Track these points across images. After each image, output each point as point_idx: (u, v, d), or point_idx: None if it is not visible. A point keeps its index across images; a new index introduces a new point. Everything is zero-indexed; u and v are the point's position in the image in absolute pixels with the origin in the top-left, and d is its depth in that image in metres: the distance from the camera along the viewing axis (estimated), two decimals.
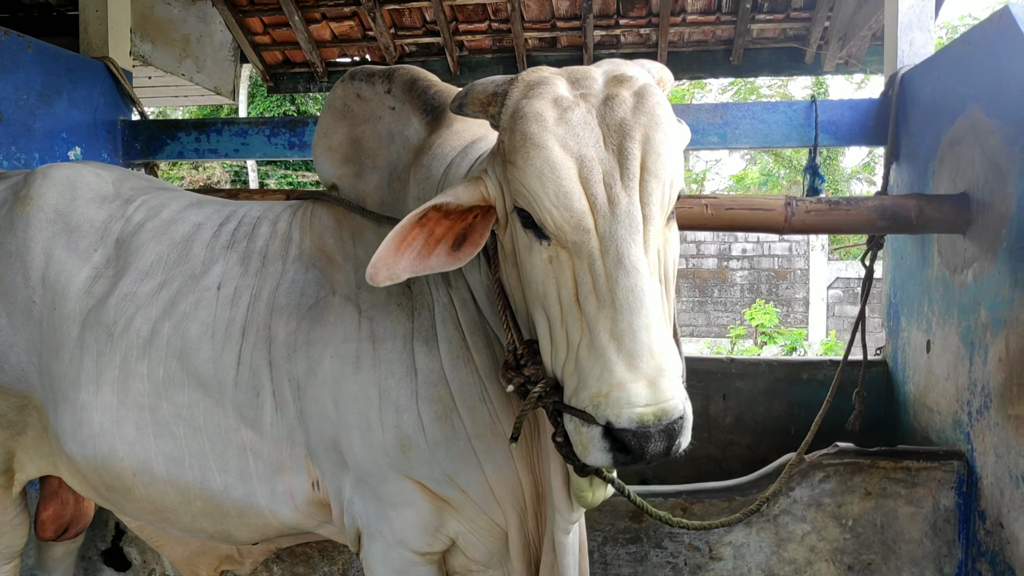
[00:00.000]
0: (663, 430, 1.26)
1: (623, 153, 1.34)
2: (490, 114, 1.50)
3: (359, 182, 2.00)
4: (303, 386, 1.86)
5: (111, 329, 2.01)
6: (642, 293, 1.28)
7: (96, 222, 2.15)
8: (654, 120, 1.35)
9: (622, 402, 1.25)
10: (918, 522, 2.65)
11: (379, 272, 1.48)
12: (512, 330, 1.57)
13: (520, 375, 1.52)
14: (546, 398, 1.44)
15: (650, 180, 1.33)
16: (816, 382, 3.57)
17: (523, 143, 1.36)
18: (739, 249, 12.69)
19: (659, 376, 1.26)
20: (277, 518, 1.98)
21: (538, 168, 1.34)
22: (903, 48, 3.32)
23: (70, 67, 3.63)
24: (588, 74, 1.45)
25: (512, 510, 1.83)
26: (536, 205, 1.37)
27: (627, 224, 1.32)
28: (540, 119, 1.36)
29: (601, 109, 1.38)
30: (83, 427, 2.01)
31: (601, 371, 1.28)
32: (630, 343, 1.26)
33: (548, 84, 1.42)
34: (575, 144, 1.34)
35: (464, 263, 1.55)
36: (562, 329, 1.38)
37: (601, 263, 1.31)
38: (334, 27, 5.19)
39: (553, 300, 1.39)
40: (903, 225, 2.64)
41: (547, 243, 1.39)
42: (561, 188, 1.33)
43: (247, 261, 2.01)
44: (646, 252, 1.33)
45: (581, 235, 1.33)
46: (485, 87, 1.51)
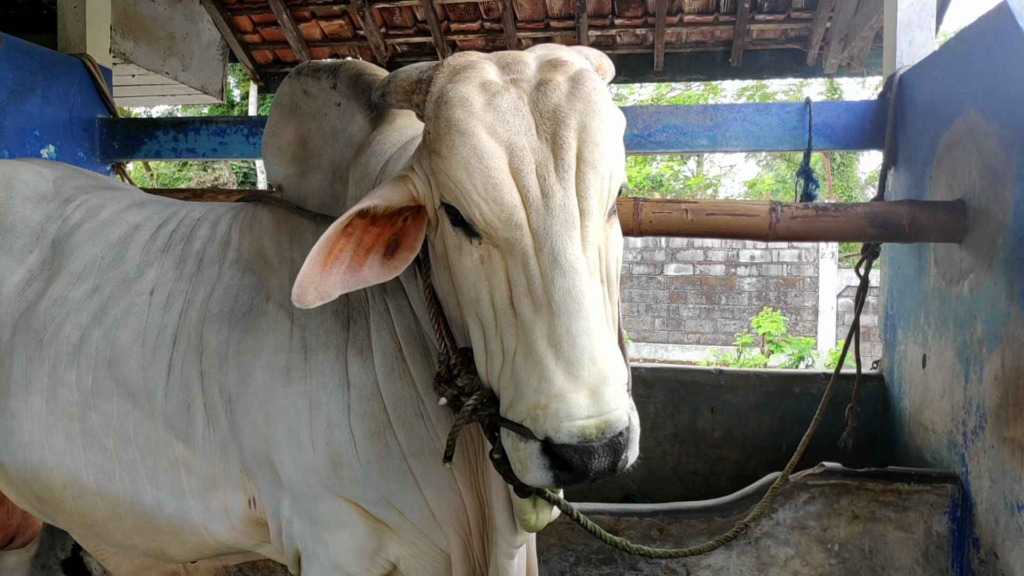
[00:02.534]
0: (607, 444, 1.14)
1: (558, 142, 1.22)
2: (415, 103, 1.39)
3: (303, 182, 1.89)
4: (235, 398, 1.75)
5: (41, 335, 1.92)
6: (581, 295, 1.17)
7: (32, 222, 2.06)
8: (591, 107, 1.24)
9: (561, 414, 1.13)
10: (909, 548, 2.50)
11: (306, 292, 1.34)
12: (445, 338, 1.45)
13: (453, 386, 1.40)
14: (481, 411, 1.32)
15: (587, 171, 1.22)
16: (809, 396, 3.42)
17: (448, 130, 1.24)
18: (747, 256, 12.48)
19: (602, 385, 1.14)
20: (213, 536, 1.88)
21: (464, 157, 1.22)
22: (902, 48, 3.17)
23: (45, 64, 3.55)
24: (520, 59, 1.34)
25: (455, 533, 1.71)
26: (464, 199, 1.25)
27: (563, 219, 1.20)
28: (466, 104, 1.24)
29: (533, 95, 1.26)
30: (13, 436, 1.93)
31: (539, 381, 1.16)
32: (569, 349, 1.14)
33: (475, 68, 1.31)
34: (505, 131, 1.23)
35: (401, 271, 1.43)
36: (497, 336, 1.26)
37: (536, 262, 1.20)
38: (324, 26, 5.10)
39: (486, 304, 1.27)
40: (895, 233, 2.49)
41: (478, 242, 1.27)
42: (490, 179, 1.21)
43: (182, 265, 1.90)
44: (584, 250, 1.21)
45: (513, 231, 1.21)
46: (409, 74, 1.40)
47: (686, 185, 19.10)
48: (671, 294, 13.01)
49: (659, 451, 3.52)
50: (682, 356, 12.47)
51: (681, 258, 12.96)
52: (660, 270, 13.13)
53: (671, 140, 3.39)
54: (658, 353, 12.77)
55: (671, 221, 2.59)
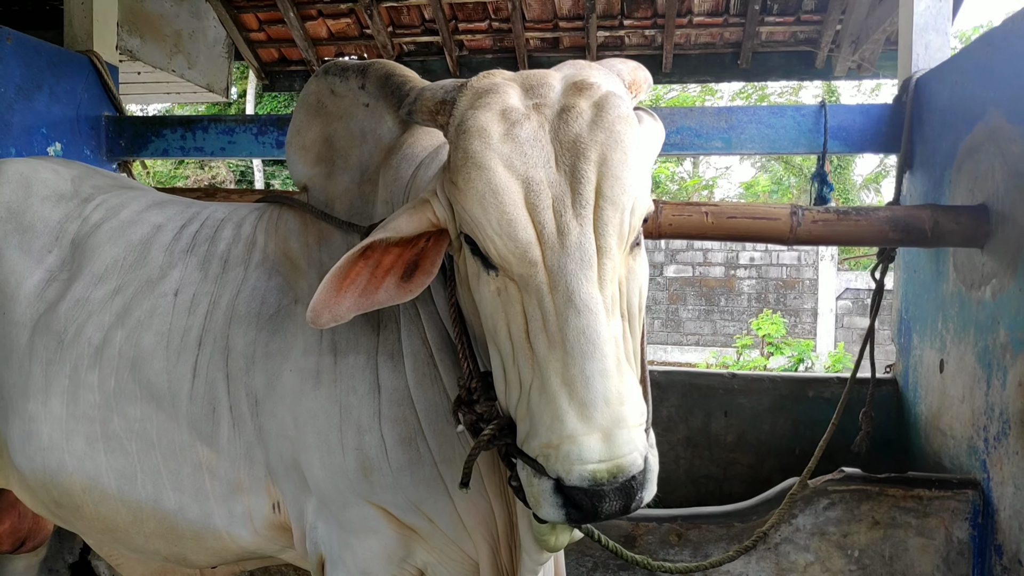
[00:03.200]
0: (619, 488, 1.12)
1: (576, 176, 1.18)
2: (439, 124, 1.35)
3: (329, 183, 1.87)
4: (261, 401, 1.72)
5: (61, 336, 1.89)
6: (595, 335, 1.13)
7: (51, 222, 2.03)
8: (613, 137, 1.20)
9: (572, 457, 1.11)
10: (929, 555, 2.49)
11: (320, 315, 1.37)
12: (468, 359, 1.43)
13: (472, 412, 1.39)
14: (498, 440, 1.30)
15: (606, 207, 1.18)
16: (823, 399, 3.40)
17: (465, 163, 1.21)
18: (747, 258, 12.50)
19: (615, 427, 1.12)
20: (235, 541, 1.85)
21: (479, 192, 1.19)
22: (918, 51, 3.16)
23: (52, 61, 3.51)
24: (544, 80, 1.29)
25: (483, 540, 1.69)
26: (479, 233, 1.22)
27: (578, 257, 1.16)
28: (484, 135, 1.21)
29: (555, 123, 1.22)
30: (32, 440, 1.89)
31: (551, 420, 1.14)
32: (582, 390, 1.12)
33: (498, 93, 1.27)
34: (522, 164, 1.19)
35: (416, 294, 1.43)
36: (514, 367, 1.24)
37: (550, 300, 1.17)
38: (330, 24, 5.06)
39: (504, 336, 1.24)
40: (917, 238, 2.48)
41: (495, 273, 1.25)
42: (504, 215, 1.18)
43: (207, 266, 1.88)
44: (601, 288, 1.17)
45: (527, 268, 1.18)
46: (434, 94, 1.37)
47: (682, 186, 19.13)
48: (670, 295, 13.02)
49: (672, 455, 3.50)
50: (681, 357, 12.48)
51: (680, 259, 12.97)
52: (659, 271, 13.14)
53: (686, 142, 3.38)
54: (657, 354, 12.78)
55: (691, 224, 2.58)
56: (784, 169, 18.65)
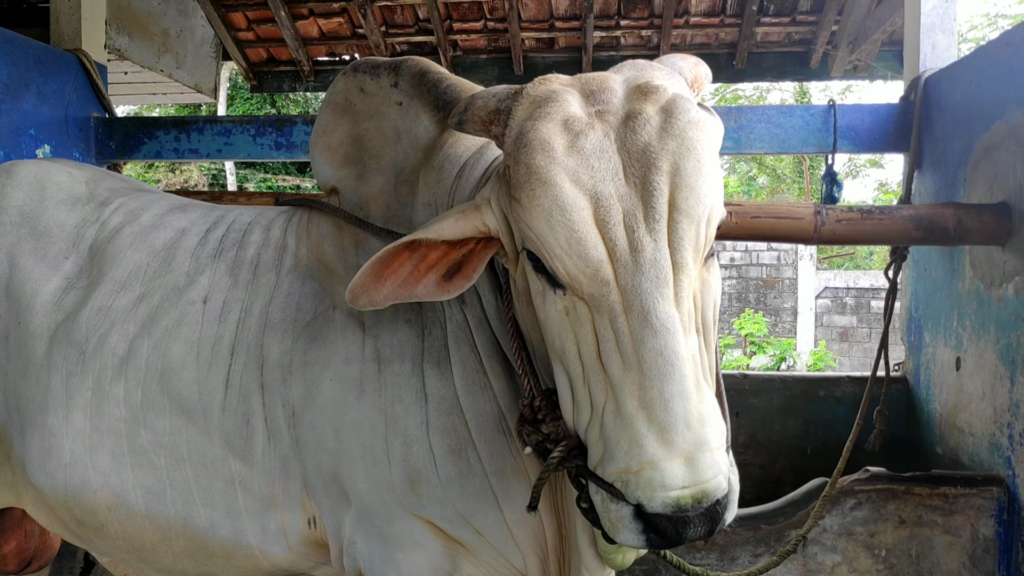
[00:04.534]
0: (703, 513, 1.08)
1: (648, 188, 1.12)
2: (493, 134, 1.29)
3: (361, 185, 1.80)
4: (299, 412, 1.66)
5: (83, 347, 1.80)
6: (673, 356, 1.09)
7: (67, 226, 1.94)
8: (685, 145, 1.14)
9: (655, 483, 1.07)
10: (956, 552, 2.49)
11: (358, 297, 1.36)
12: (529, 376, 1.38)
13: (538, 432, 1.33)
14: (568, 462, 1.25)
15: (680, 220, 1.12)
16: (833, 399, 3.41)
17: (528, 178, 1.15)
18: (727, 258, 12.59)
19: (698, 451, 1.07)
20: (268, 559, 1.78)
21: (546, 209, 1.14)
22: (925, 51, 3.18)
23: (40, 59, 3.38)
24: (606, 84, 1.24)
25: (532, 554, 1.64)
26: (546, 251, 1.17)
27: (653, 275, 1.11)
28: (547, 148, 1.15)
29: (621, 131, 1.16)
30: (52, 455, 1.80)
31: (629, 444, 1.09)
32: (662, 414, 1.07)
33: (558, 101, 1.21)
34: (589, 178, 1.13)
35: (453, 296, 1.38)
36: (584, 388, 1.19)
37: (624, 320, 1.12)
38: (322, 24, 4.96)
39: (573, 356, 1.19)
40: (940, 236, 2.48)
41: (562, 292, 1.19)
42: (573, 234, 1.12)
43: (237, 272, 1.80)
44: (678, 306, 1.12)
45: (599, 287, 1.13)
46: (486, 102, 1.31)
47: None
48: None
49: None
50: None
51: None
52: None
53: None
54: None
55: None
56: (759, 169, 18.86)
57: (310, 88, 5.31)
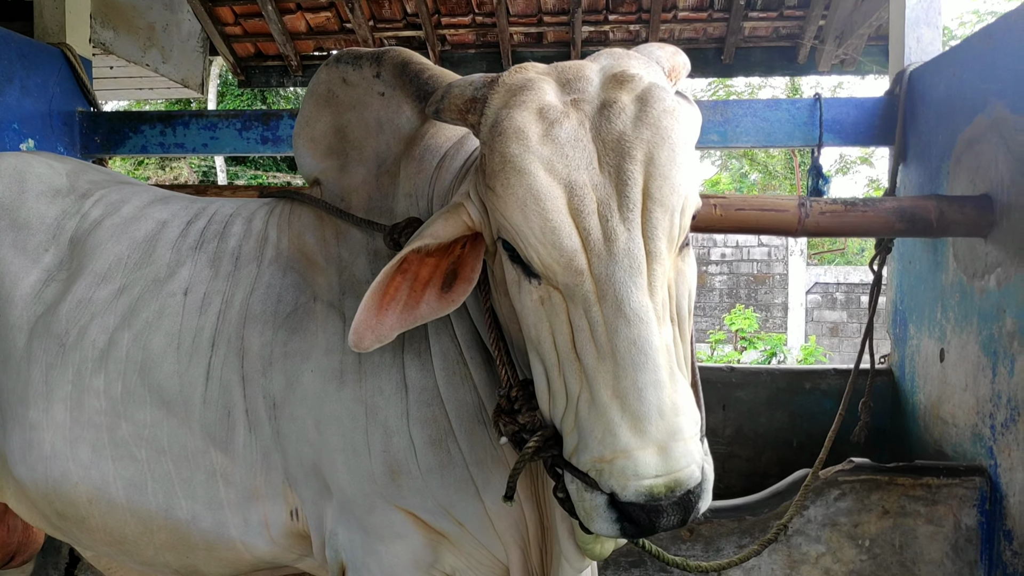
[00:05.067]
0: (676, 502, 1.08)
1: (622, 177, 1.12)
2: (470, 123, 1.28)
3: (344, 176, 1.79)
4: (280, 404, 1.65)
5: (63, 339, 1.79)
6: (647, 345, 1.08)
7: (47, 219, 1.93)
8: (659, 134, 1.13)
9: (628, 472, 1.07)
10: (939, 542, 2.51)
11: (363, 338, 1.31)
12: (506, 366, 1.38)
13: (514, 422, 1.33)
14: (544, 451, 1.25)
15: (654, 210, 1.12)
16: (819, 392, 3.43)
17: (502, 167, 1.15)
18: (718, 254, 12.62)
19: (671, 440, 1.07)
20: (251, 551, 1.77)
21: (520, 198, 1.13)
22: (910, 45, 3.19)
23: (23, 52, 3.36)
24: (581, 73, 1.23)
25: (514, 544, 1.64)
26: (520, 241, 1.17)
27: (627, 265, 1.11)
28: (522, 137, 1.15)
29: (596, 120, 1.16)
30: (33, 448, 1.80)
31: (603, 433, 1.10)
32: (635, 403, 1.07)
33: (533, 89, 1.20)
34: (564, 167, 1.13)
35: (459, 304, 1.37)
36: (560, 378, 1.19)
37: (598, 309, 1.12)
38: (310, 18, 4.94)
39: (548, 346, 1.19)
40: (922, 228, 2.50)
41: (537, 282, 1.19)
42: (547, 223, 1.12)
43: (218, 263, 1.79)
44: (651, 295, 1.12)
45: (573, 277, 1.13)
46: (463, 90, 1.30)
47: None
48: None
49: None
50: None
51: None
52: None
53: None
54: None
55: (700, 217, 2.54)
56: (751, 165, 18.90)
57: (298, 83, 5.29)
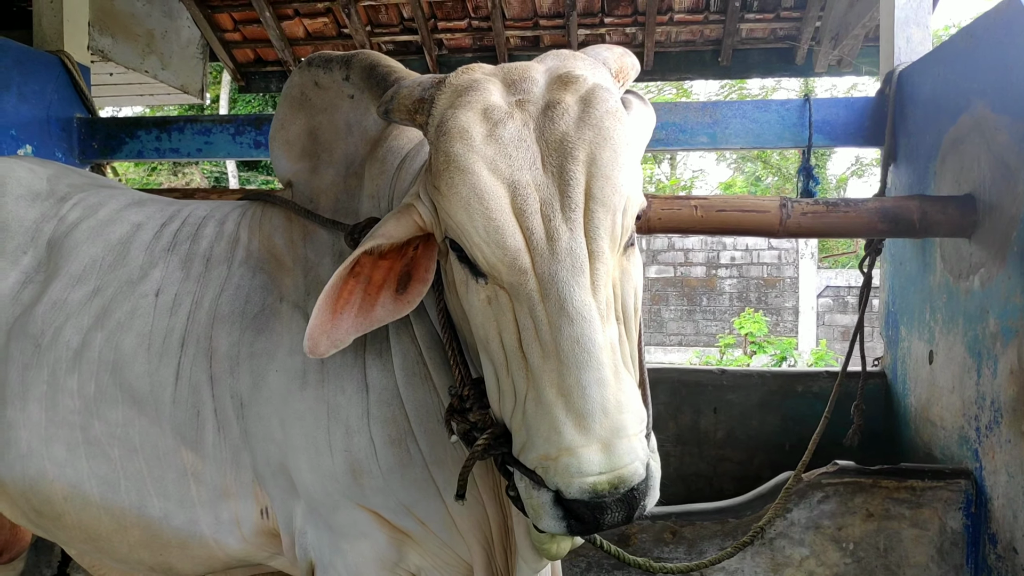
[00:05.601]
0: (620, 499, 1.09)
1: (564, 177, 1.13)
2: (418, 123, 1.29)
3: (314, 177, 1.82)
4: (247, 403, 1.67)
5: (38, 340, 1.82)
6: (590, 343, 1.09)
7: (26, 222, 1.96)
8: (601, 135, 1.14)
9: (572, 470, 1.08)
10: (924, 545, 2.48)
11: (318, 343, 1.31)
12: (459, 365, 1.39)
13: (465, 420, 1.35)
14: (493, 449, 1.26)
15: (596, 209, 1.13)
16: (811, 394, 3.40)
17: (447, 167, 1.16)
18: (728, 257, 12.56)
19: (615, 438, 1.08)
20: (223, 549, 1.79)
21: (464, 197, 1.14)
22: (900, 45, 3.17)
23: (20, 60, 3.42)
24: (527, 74, 1.23)
25: (477, 544, 1.65)
26: (466, 240, 1.18)
27: (569, 264, 1.12)
28: (465, 137, 1.15)
29: (540, 120, 1.17)
30: (11, 447, 1.83)
31: (548, 431, 1.10)
32: (579, 401, 1.08)
33: (478, 90, 1.21)
34: (507, 167, 1.14)
35: (416, 304, 1.38)
36: (508, 377, 1.19)
37: (542, 308, 1.12)
38: (307, 24, 4.99)
39: (496, 345, 1.20)
40: (905, 228, 2.48)
41: (484, 281, 1.20)
42: (491, 222, 1.13)
43: (189, 265, 1.82)
44: (594, 294, 1.13)
45: (517, 276, 1.14)
46: (411, 91, 1.31)
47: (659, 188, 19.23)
48: (652, 296, 13.05)
49: (661, 452, 3.43)
50: (664, 358, 12.52)
51: (662, 260, 13.01)
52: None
53: (670, 138, 3.36)
54: None
55: (680, 218, 2.56)
56: (763, 168, 18.81)
57: None
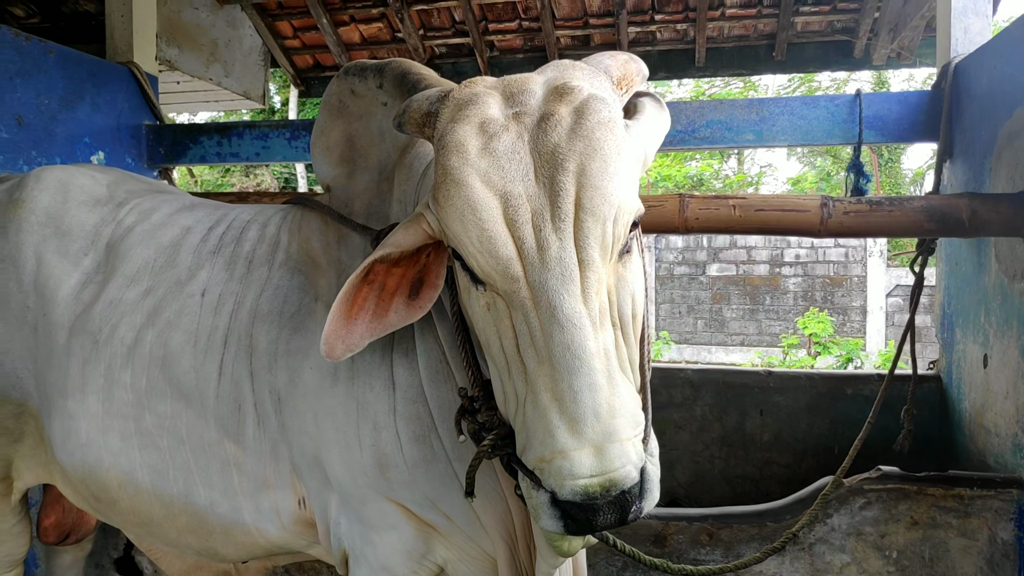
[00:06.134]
0: (612, 502, 1.12)
1: (555, 188, 1.16)
2: (427, 136, 1.34)
3: (350, 183, 1.89)
4: (284, 398, 1.75)
5: (96, 336, 1.95)
6: (580, 350, 1.12)
7: (87, 226, 2.09)
8: (592, 146, 1.16)
9: (564, 472, 1.11)
10: (972, 556, 2.40)
11: (334, 347, 1.37)
12: (471, 368, 1.43)
13: (474, 421, 1.39)
14: (499, 449, 1.31)
15: (586, 219, 1.15)
16: (862, 398, 3.31)
17: (444, 179, 1.21)
18: (792, 255, 12.22)
19: (606, 442, 1.11)
20: (264, 536, 1.88)
21: (459, 208, 1.18)
22: (957, 35, 3.05)
23: (93, 72, 3.63)
24: (526, 87, 1.27)
25: (500, 539, 1.68)
26: (462, 249, 1.22)
27: (558, 273, 1.15)
28: (461, 150, 1.20)
29: (535, 132, 1.20)
30: (71, 436, 1.95)
31: (543, 434, 1.14)
32: (571, 406, 1.11)
33: (477, 104, 1.25)
34: (500, 179, 1.17)
35: (427, 310, 1.43)
36: (510, 380, 1.24)
37: (535, 315, 1.16)
38: (363, 29, 5.13)
39: (497, 350, 1.24)
40: (954, 228, 2.40)
41: (483, 288, 1.24)
42: (483, 232, 1.17)
43: (233, 266, 1.92)
44: (585, 302, 1.15)
45: (510, 284, 1.18)
46: (420, 105, 1.35)
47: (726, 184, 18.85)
48: (714, 295, 12.82)
49: (706, 454, 3.45)
50: (725, 358, 12.28)
51: (724, 258, 12.76)
52: (702, 270, 12.95)
53: (715, 136, 3.32)
54: (700, 355, 12.60)
55: (718, 218, 2.53)
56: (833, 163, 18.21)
57: None
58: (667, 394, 3.44)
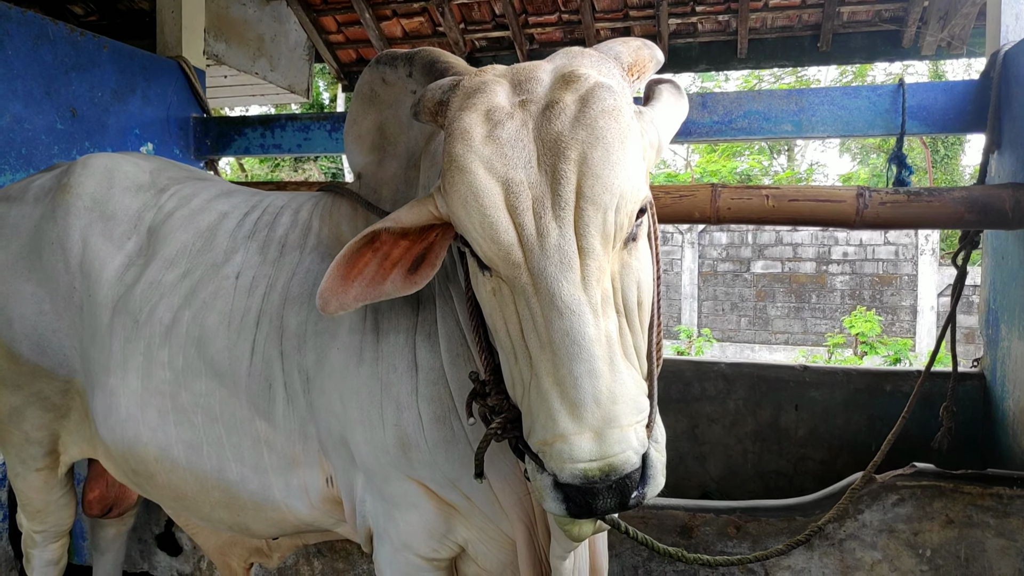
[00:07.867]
0: (611, 486, 1.13)
1: (556, 176, 1.16)
2: (439, 124, 1.35)
3: (380, 170, 1.93)
4: (312, 378, 1.80)
5: (137, 316, 2.02)
6: (580, 336, 1.13)
7: (131, 210, 2.18)
8: (594, 134, 1.16)
9: (564, 455, 1.13)
10: (1011, 557, 2.33)
11: (328, 303, 1.41)
12: (483, 352, 1.45)
13: (485, 404, 1.41)
14: (507, 432, 1.33)
15: (586, 208, 1.15)
16: (901, 394, 3.24)
17: (449, 166, 1.22)
18: (840, 252, 11.94)
19: (607, 427, 1.12)
20: (293, 513, 1.93)
21: (462, 195, 1.20)
22: (1007, 22, 2.96)
23: (144, 66, 3.77)
24: (534, 75, 1.27)
25: (519, 521, 1.70)
26: (467, 235, 1.24)
27: (557, 260, 1.15)
28: (466, 138, 1.21)
29: (539, 120, 1.20)
30: (112, 412, 2.04)
31: (545, 418, 1.15)
32: (572, 391, 1.13)
33: (485, 92, 1.26)
34: (502, 166, 1.18)
35: (421, 286, 1.45)
36: (516, 365, 1.25)
37: (536, 301, 1.17)
38: (404, 24, 5.19)
39: (503, 334, 1.26)
40: (996, 219, 2.33)
41: (489, 274, 1.25)
42: (486, 218, 1.18)
43: (266, 250, 1.97)
44: (585, 289, 1.16)
45: (511, 270, 1.19)
46: (433, 94, 1.37)
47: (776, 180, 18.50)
48: (758, 292, 12.61)
49: (739, 448, 3.41)
50: (769, 357, 12.07)
51: (769, 255, 12.53)
52: (747, 267, 12.74)
53: (753, 126, 3.28)
54: (744, 353, 12.41)
55: (751, 208, 2.51)
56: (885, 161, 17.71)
57: None
58: (700, 387, 3.41)
